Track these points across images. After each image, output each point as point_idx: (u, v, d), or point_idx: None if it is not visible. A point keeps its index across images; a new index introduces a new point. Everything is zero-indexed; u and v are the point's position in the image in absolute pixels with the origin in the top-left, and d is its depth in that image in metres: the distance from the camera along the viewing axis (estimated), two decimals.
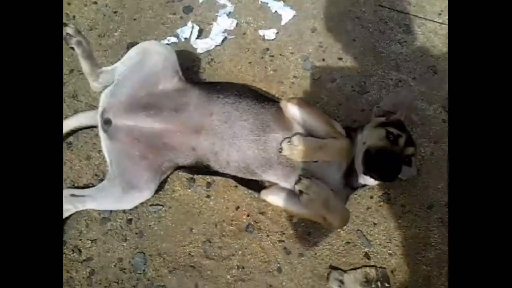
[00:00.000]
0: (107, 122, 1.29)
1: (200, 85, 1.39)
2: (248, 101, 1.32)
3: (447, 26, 1.69)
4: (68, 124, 1.43)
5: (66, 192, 1.32)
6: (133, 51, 1.34)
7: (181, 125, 1.27)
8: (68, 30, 1.28)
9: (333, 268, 1.36)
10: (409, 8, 1.75)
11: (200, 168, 1.32)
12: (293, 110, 1.30)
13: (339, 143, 1.26)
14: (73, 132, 1.46)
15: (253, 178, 1.31)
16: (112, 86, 1.33)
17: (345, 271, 1.35)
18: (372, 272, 1.35)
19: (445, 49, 1.66)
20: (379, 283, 1.34)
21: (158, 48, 1.35)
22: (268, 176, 1.30)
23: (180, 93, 1.32)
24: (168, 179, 1.42)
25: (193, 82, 1.43)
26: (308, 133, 1.28)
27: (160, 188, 1.35)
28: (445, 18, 1.72)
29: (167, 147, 1.28)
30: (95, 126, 1.38)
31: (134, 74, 1.32)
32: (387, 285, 1.34)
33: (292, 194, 1.27)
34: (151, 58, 1.33)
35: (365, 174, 1.25)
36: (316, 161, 1.26)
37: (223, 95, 1.32)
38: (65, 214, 1.32)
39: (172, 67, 1.35)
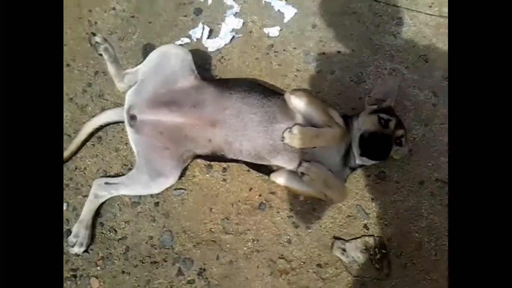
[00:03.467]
0: (133, 118, 1.44)
1: (214, 82, 1.53)
2: (256, 96, 1.45)
3: (437, 18, 1.80)
4: (97, 121, 1.59)
5: (101, 181, 1.50)
6: (153, 54, 1.49)
7: (199, 119, 1.40)
8: (97, 39, 1.42)
9: (336, 238, 1.52)
10: (402, 1, 1.85)
11: (216, 157, 1.46)
12: (295, 102, 1.42)
13: (333, 132, 1.37)
14: (102, 127, 1.63)
15: (263, 163, 1.45)
16: (136, 85, 1.48)
17: (346, 241, 1.51)
18: (370, 241, 1.51)
19: (435, 39, 1.77)
20: (377, 250, 1.49)
21: (175, 50, 1.49)
22: (276, 161, 1.43)
23: (196, 90, 1.46)
24: (189, 166, 1.58)
25: (207, 79, 1.57)
26: (309, 122, 1.40)
27: (182, 174, 1.50)
28: (435, 9, 1.82)
29: (187, 139, 1.42)
30: (122, 122, 1.55)
31: (155, 75, 1.46)
32: (384, 251, 1.49)
33: (297, 176, 1.42)
34: (169, 59, 1.46)
35: (361, 155, 1.41)
36: (314, 147, 1.40)
37: (234, 91, 1.45)
38: (101, 200, 1.50)
39: (189, 67, 1.48)
